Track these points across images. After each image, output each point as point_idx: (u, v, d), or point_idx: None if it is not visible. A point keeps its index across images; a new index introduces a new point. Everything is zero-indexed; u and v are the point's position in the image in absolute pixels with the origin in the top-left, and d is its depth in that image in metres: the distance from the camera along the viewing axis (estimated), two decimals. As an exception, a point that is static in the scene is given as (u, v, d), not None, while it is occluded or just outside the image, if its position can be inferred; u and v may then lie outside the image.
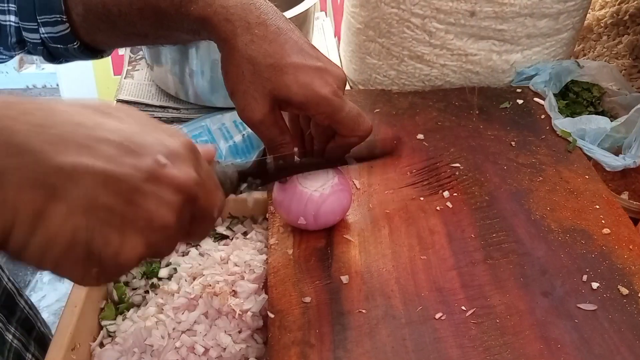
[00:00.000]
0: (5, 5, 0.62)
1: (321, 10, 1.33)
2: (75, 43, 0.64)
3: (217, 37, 0.57)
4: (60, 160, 0.33)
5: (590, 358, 0.55)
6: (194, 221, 0.41)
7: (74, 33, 0.64)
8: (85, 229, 0.34)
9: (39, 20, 0.62)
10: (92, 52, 0.68)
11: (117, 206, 0.35)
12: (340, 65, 1.10)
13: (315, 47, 0.59)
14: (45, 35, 0.63)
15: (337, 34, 1.23)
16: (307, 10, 0.94)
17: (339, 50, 1.13)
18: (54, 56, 0.67)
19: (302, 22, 0.96)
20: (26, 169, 0.32)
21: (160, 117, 0.97)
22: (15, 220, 0.33)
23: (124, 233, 0.36)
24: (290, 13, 0.92)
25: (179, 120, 0.96)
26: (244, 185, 0.55)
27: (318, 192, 0.63)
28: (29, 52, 0.67)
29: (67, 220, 0.34)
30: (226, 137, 0.92)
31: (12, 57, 0.68)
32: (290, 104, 0.57)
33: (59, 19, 0.62)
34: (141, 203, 0.36)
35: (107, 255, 0.35)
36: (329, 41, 1.17)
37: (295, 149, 0.64)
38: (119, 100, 0.97)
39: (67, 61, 0.70)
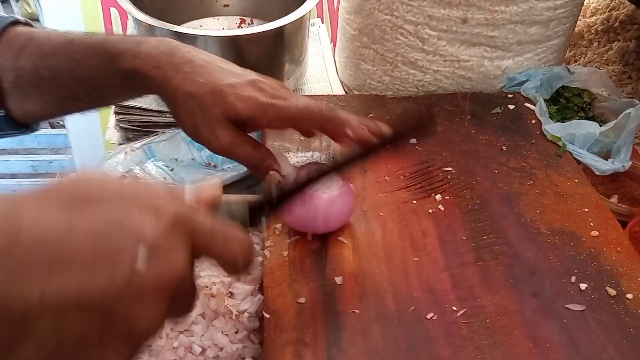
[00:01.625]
0: None
1: (317, 17, 1.35)
2: (1, 111, 0.63)
3: (152, 86, 0.58)
4: (23, 294, 0.30)
5: (578, 357, 0.57)
6: (176, 307, 0.38)
7: (1, 101, 0.63)
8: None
9: None
10: (18, 125, 0.66)
11: (92, 331, 0.32)
12: (335, 71, 1.11)
13: (241, 68, 0.61)
14: None
15: (333, 39, 1.24)
16: (302, 17, 0.95)
17: (334, 56, 1.15)
18: None
19: (298, 28, 0.98)
20: None
21: (157, 122, 0.98)
22: None
23: (105, 350, 0.33)
24: (285, 20, 0.93)
25: (176, 125, 0.98)
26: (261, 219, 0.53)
27: (327, 193, 0.64)
28: None
29: (37, 354, 0.31)
30: (223, 142, 0.93)
31: None
32: (244, 123, 0.58)
33: None
34: (123, 311, 0.33)
35: None
36: (325, 47, 1.19)
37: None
38: (117, 106, 0.98)
39: None
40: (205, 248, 0.38)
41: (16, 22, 0.63)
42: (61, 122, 2.15)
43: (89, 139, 1.89)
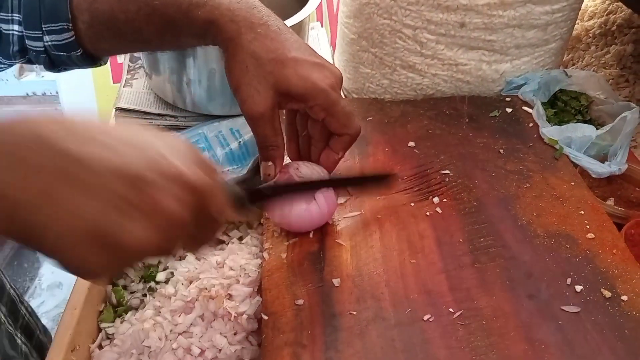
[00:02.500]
0: (9, 15, 0.64)
1: (317, 21, 1.35)
2: (78, 50, 0.66)
3: (223, 37, 0.59)
4: (73, 147, 0.36)
5: (573, 358, 0.57)
6: (199, 218, 0.42)
7: (77, 41, 0.66)
8: (103, 214, 0.36)
9: (44, 29, 0.64)
10: (92, 59, 0.70)
11: (126, 193, 0.37)
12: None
13: (313, 49, 0.63)
14: (49, 43, 0.65)
15: (333, 43, 1.25)
16: (302, 21, 0.96)
17: (333, 59, 1.15)
18: (55, 64, 0.69)
19: (297, 32, 0.98)
20: (53, 159, 0.36)
21: (158, 125, 0.99)
22: (21, 199, 0.35)
23: (131, 219, 0.37)
24: (285, 23, 0.94)
25: (177, 128, 0.99)
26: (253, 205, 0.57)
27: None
28: (29, 61, 0.69)
29: (76, 202, 0.36)
30: (222, 145, 0.94)
31: (11, 65, 0.70)
32: (291, 96, 0.60)
33: (65, 26, 0.64)
34: (149, 192, 0.38)
35: (121, 241, 0.37)
36: (324, 51, 1.19)
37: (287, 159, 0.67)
38: (117, 108, 0.99)
39: (65, 69, 0.71)
40: (207, 187, 0.42)
41: None
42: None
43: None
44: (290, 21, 0.94)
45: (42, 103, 2.18)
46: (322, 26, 1.32)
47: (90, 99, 1.86)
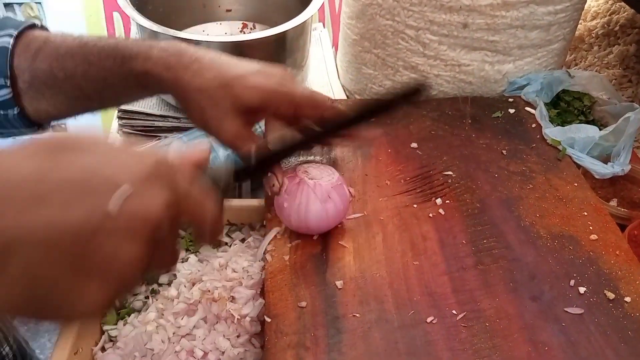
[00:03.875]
0: None
1: (319, 22, 1.35)
2: (15, 109, 0.65)
3: (164, 85, 0.60)
4: (4, 224, 0.31)
5: (577, 360, 0.57)
6: (192, 229, 0.41)
7: (15, 99, 0.65)
8: (36, 286, 0.32)
9: None
10: (31, 122, 0.68)
11: (65, 269, 0.32)
12: (337, 75, 1.12)
13: (249, 60, 0.63)
14: None
15: (335, 44, 1.25)
16: (304, 22, 0.96)
17: (335, 60, 1.15)
18: None
19: (300, 33, 0.99)
20: None
21: (160, 127, 0.99)
22: None
23: (78, 287, 0.33)
24: (288, 25, 0.94)
25: (179, 129, 0.99)
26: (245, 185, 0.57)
27: (326, 182, 0.66)
28: None
29: (15, 286, 0.32)
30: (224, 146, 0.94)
31: None
32: (252, 109, 0.60)
33: (3, 83, 0.64)
34: (97, 250, 0.33)
35: (70, 308, 0.34)
36: (326, 52, 1.19)
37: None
38: (120, 110, 0.99)
39: (1, 134, 0.69)
40: (180, 206, 0.38)
41: (33, 26, 0.66)
42: (63, 126, 2.16)
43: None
44: (293, 22, 0.94)
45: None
46: (324, 27, 1.32)
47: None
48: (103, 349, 0.66)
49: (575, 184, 0.77)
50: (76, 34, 0.65)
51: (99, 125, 1.85)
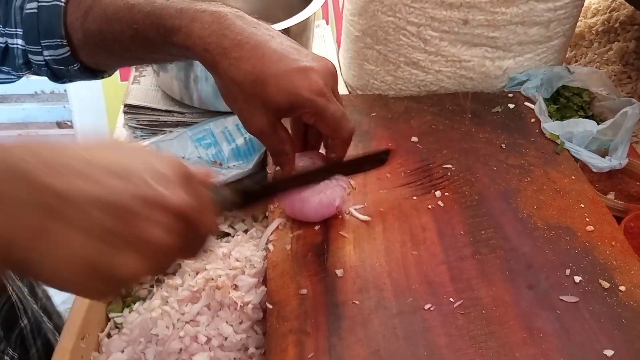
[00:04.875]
0: (13, 29, 0.67)
1: (322, 19, 1.37)
2: (76, 65, 0.69)
3: (203, 64, 0.61)
4: (54, 182, 0.36)
5: (571, 346, 0.58)
6: (187, 238, 0.43)
7: (74, 56, 0.68)
8: (88, 248, 0.37)
9: (42, 44, 0.67)
10: (93, 72, 0.72)
11: (116, 228, 0.38)
12: (340, 72, 1.13)
13: (298, 47, 0.62)
14: (48, 57, 0.68)
15: (338, 41, 1.26)
16: (307, 19, 0.97)
17: (338, 57, 1.17)
18: (58, 76, 0.72)
19: (303, 30, 1.00)
20: (23, 192, 0.36)
21: (165, 121, 1.01)
22: (14, 238, 0.36)
23: (125, 253, 0.38)
24: (290, 22, 0.95)
25: (184, 124, 1.00)
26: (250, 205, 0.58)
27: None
28: (35, 73, 0.72)
29: (70, 240, 0.37)
30: (229, 140, 0.95)
31: (19, 77, 0.73)
32: (283, 111, 0.61)
33: (60, 43, 0.67)
34: (139, 225, 0.38)
35: (113, 273, 0.38)
36: (329, 48, 1.21)
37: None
38: (126, 105, 1.00)
39: (70, 81, 0.74)
40: (188, 207, 0.42)
41: None
42: (68, 123, 2.18)
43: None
44: (296, 19, 0.96)
45: (50, 101, 2.20)
46: (327, 24, 1.33)
47: (98, 96, 1.88)
48: (109, 335, 0.67)
49: (573, 177, 0.79)
50: None
51: (105, 121, 1.87)
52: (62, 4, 0.66)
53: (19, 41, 0.68)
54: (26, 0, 0.67)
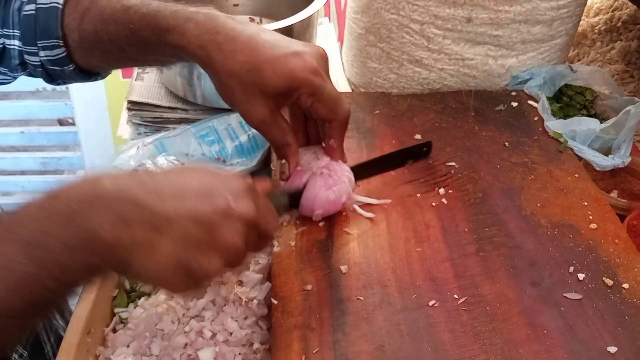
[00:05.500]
0: (11, 31, 0.69)
1: (325, 16, 1.37)
2: (70, 66, 0.70)
3: (198, 63, 0.62)
4: (160, 208, 0.46)
5: (574, 342, 0.59)
6: (258, 240, 0.53)
7: (69, 57, 0.69)
8: (184, 254, 0.46)
9: (38, 45, 0.69)
10: (87, 74, 0.73)
11: (203, 237, 0.47)
12: (342, 69, 1.14)
13: (289, 38, 0.64)
14: (44, 58, 0.69)
15: (340, 38, 1.27)
16: (310, 17, 0.98)
17: (341, 54, 1.17)
18: (52, 77, 0.73)
19: (306, 27, 1.00)
20: (143, 217, 0.45)
21: (169, 118, 1.01)
22: (136, 253, 0.45)
23: (208, 255, 0.47)
24: (294, 19, 0.96)
25: (187, 121, 1.00)
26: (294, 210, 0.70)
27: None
28: (30, 74, 0.74)
29: (171, 250, 0.46)
30: (232, 137, 0.95)
31: (15, 78, 0.74)
32: (281, 95, 0.62)
33: (56, 43, 0.68)
34: (218, 233, 0.48)
35: (200, 271, 0.47)
36: (332, 46, 1.21)
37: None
38: (129, 102, 1.00)
39: (64, 82, 0.75)
40: (262, 220, 0.52)
41: None
42: (70, 120, 2.18)
43: (99, 135, 1.91)
44: (299, 17, 0.96)
45: (51, 98, 2.19)
46: (330, 21, 1.33)
47: (100, 94, 1.88)
48: (114, 330, 0.68)
49: (576, 175, 0.79)
50: None
51: (107, 119, 1.87)
52: (60, 6, 0.68)
53: (16, 42, 0.69)
54: (24, 2, 0.69)
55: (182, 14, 0.62)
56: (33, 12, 0.68)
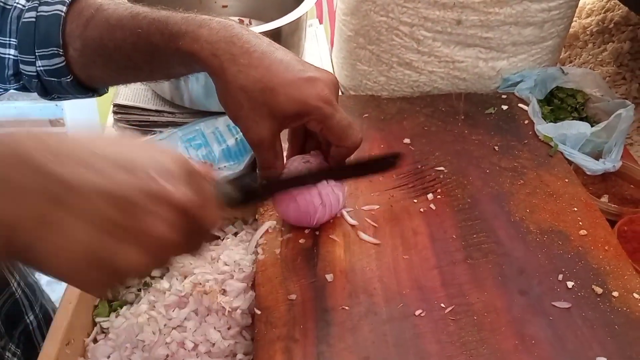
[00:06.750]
0: (7, 39, 0.67)
1: (316, 18, 1.36)
2: (68, 77, 0.68)
3: (208, 71, 0.60)
4: (60, 170, 0.37)
5: (563, 353, 0.58)
6: (190, 234, 0.43)
7: (68, 67, 0.67)
8: (92, 238, 0.38)
9: (36, 53, 0.67)
10: (85, 89, 0.71)
11: (119, 219, 0.38)
12: (332, 72, 1.12)
13: (302, 60, 0.62)
14: (41, 68, 0.67)
15: (332, 41, 1.25)
16: (299, 18, 0.96)
17: (331, 56, 1.16)
18: (47, 91, 0.71)
19: (295, 29, 0.99)
20: (29, 178, 0.36)
21: (156, 121, 1.00)
22: (18, 224, 0.36)
23: (123, 242, 0.39)
24: (282, 21, 0.94)
25: (174, 124, 0.99)
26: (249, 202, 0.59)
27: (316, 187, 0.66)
28: (24, 87, 0.71)
29: (75, 229, 0.37)
30: (220, 141, 0.94)
31: (6, 90, 0.72)
32: (289, 119, 0.60)
33: (56, 51, 0.66)
34: (142, 219, 0.39)
35: (116, 264, 0.39)
36: (322, 48, 1.20)
37: None
38: (115, 105, 0.99)
39: (59, 97, 0.73)
40: (202, 212, 0.43)
41: None
42: (61, 121, 2.16)
43: (90, 137, 1.90)
44: (288, 18, 0.95)
45: (43, 99, 2.18)
46: (321, 23, 1.32)
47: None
48: (95, 341, 0.66)
49: (566, 180, 0.78)
50: (129, 3, 0.65)
51: (96, 120, 1.86)
52: (63, 14, 0.66)
53: (12, 51, 0.67)
54: (24, 10, 0.67)
55: (195, 20, 0.60)
56: (33, 19, 0.66)
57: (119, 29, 0.63)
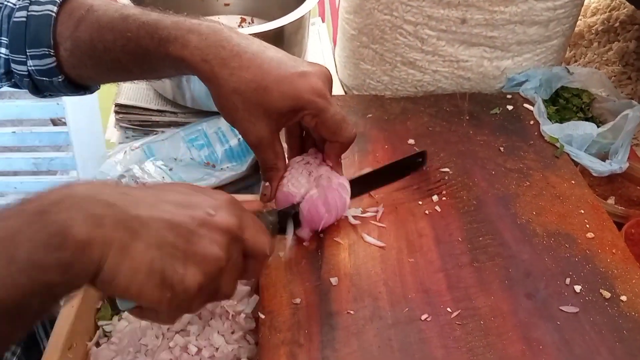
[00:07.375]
0: None
1: (319, 16, 1.35)
2: (59, 77, 0.67)
3: (199, 76, 0.60)
4: (136, 212, 0.44)
5: (571, 358, 0.57)
6: (248, 259, 0.51)
7: (59, 67, 0.67)
8: (159, 259, 0.44)
9: (27, 53, 0.66)
10: (77, 87, 0.70)
11: (179, 244, 0.45)
12: (335, 71, 1.11)
13: (293, 56, 0.62)
14: (32, 67, 0.66)
15: (335, 39, 1.24)
16: (302, 17, 0.96)
17: (334, 55, 1.15)
18: (39, 89, 0.70)
19: (297, 28, 0.98)
20: (115, 217, 0.43)
21: (158, 121, 0.99)
22: (108, 253, 0.42)
23: (185, 264, 0.45)
24: (285, 19, 0.93)
25: (177, 124, 0.98)
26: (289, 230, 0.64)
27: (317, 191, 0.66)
28: (15, 85, 0.71)
29: (145, 253, 0.43)
30: (222, 141, 0.94)
31: None
32: (284, 116, 0.60)
33: (47, 52, 0.65)
34: (196, 242, 0.46)
35: (175, 281, 0.44)
36: (325, 46, 1.19)
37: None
38: (117, 104, 0.98)
39: (51, 95, 0.73)
40: (244, 233, 0.50)
41: None
42: (63, 120, 2.15)
43: (91, 136, 1.89)
44: (291, 17, 0.94)
45: (42, 100, 2.17)
46: (323, 22, 1.31)
47: (90, 95, 1.85)
48: (97, 344, 0.66)
49: (573, 182, 0.77)
50: (120, 4, 0.65)
51: (98, 118, 1.85)
52: (53, 14, 0.65)
53: (3, 50, 0.67)
54: (15, 9, 0.67)
55: (185, 25, 0.59)
56: (24, 19, 0.65)
57: (109, 31, 0.62)
